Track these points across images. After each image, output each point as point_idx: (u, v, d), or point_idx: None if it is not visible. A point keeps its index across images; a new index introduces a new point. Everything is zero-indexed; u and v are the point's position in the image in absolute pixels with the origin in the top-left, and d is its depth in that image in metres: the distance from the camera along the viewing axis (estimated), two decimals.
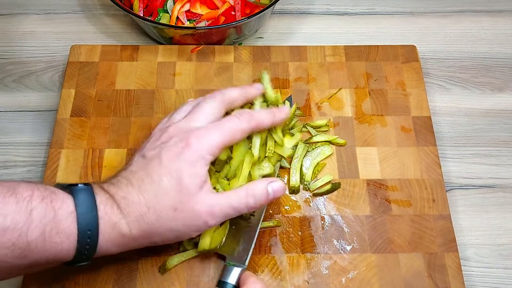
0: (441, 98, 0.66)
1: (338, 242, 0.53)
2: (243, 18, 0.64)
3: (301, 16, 0.73)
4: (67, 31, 0.71)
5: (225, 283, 0.47)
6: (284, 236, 0.53)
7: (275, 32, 0.71)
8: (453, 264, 0.52)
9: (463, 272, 0.51)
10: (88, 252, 0.41)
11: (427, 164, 0.57)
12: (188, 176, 0.43)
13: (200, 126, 0.46)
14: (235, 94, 0.49)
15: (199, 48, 0.65)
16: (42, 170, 0.59)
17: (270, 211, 0.54)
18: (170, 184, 0.43)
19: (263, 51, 0.65)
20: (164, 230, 0.44)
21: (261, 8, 0.64)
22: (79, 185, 0.42)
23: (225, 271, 0.48)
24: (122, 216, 0.42)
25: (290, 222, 0.54)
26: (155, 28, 0.64)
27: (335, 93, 0.62)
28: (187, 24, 0.66)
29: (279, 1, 0.64)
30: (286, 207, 0.54)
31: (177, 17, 0.66)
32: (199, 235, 0.47)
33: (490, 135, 0.63)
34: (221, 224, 0.48)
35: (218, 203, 0.44)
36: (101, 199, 0.42)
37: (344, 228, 0.53)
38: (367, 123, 0.60)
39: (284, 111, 0.50)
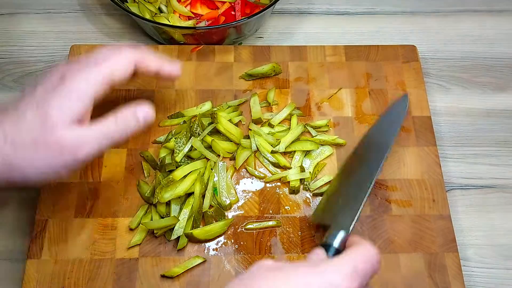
0: (441, 98, 0.66)
1: None
2: (243, 18, 0.64)
3: (301, 16, 0.73)
4: (67, 30, 0.71)
5: (329, 245, 0.45)
6: (284, 236, 0.53)
7: (275, 32, 0.71)
8: (453, 264, 0.52)
9: (463, 272, 0.51)
10: None
11: (427, 164, 0.57)
12: (57, 109, 0.41)
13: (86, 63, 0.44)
14: (148, 52, 0.47)
15: (199, 48, 0.65)
16: None
17: (270, 211, 0.54)
18: (33, 117, 0.40)
19: (263, 51, 0.65)
20: (25, 165, 0.41)
21: (261, 8, 0.64)
22: None
23: (330, 235, 0.46)
24: None
25: (290, 222, 0.54)
26: (155, 28, 0.64)
27: (335, 93, 0.62)
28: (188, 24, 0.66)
29: (279, 1, 0.63)
30: (286, 207, 0.54)
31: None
32: None
33: (491, 135, 0.63)
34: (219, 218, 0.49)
35: (85, 135, 0.42)
36: None
37: None
38: (367, 123, 0.60)
39: (174, 68, 0.49)
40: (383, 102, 0.61)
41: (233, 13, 0.68)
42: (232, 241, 0.52)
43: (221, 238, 0.53)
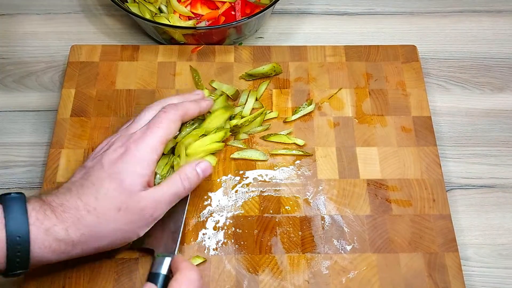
0: (441, 98, 0.66)
1: (338, 242, 0.53)
2: (243, 18, 0.64)
3: (301, 16, 0.73)
4: (67, 31, 0.71)
5: (156, 274, 0.47)
6: (285, 236, 0.53)
7: (275, 32, 0.71)
8: (453, 264, 0.52)
9: (463, 272, 0.51)
10: (20, 260, 0.41)
11: (427, 164, 0.57)
12: (130, 177, 0.45)
13: (137, 130, 0.49)
14: (174, 100, 0.53)
15: (199, 48, 0.65)
16: (42, 170, 0.59)
17: (271, 211, 0.54)
18: (111, 186, 0.44)
19: (263, 51, 0.65)
20: (108, 232, 0.44)
21: (261, 8, 0.64)
22: (12, 194, 0.43)
23: (155, 263, 0.48)
24: (57, 222, 0.42)
25: (291, 222, 0.54)
26: (155, 28, 0.64)
27: (335, 93, 0.62)
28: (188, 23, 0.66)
29: (279, 1, 0.64)
30: (287, 207, 0.55)
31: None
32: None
33: (490, 135, 0.63)
34: None
35: (160, 195, 0.46)
36: (33, 206, 0.42)
37: (344, 228, 0.53)
38: (367, 123, 0.60)
39: (208, 102, 0.54)
40: (383, 102, 0.61)
41: (233, 13, 0.68)
42: (232, 241, 0.52)
43: (221, 238, 0.53)
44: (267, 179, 0.56)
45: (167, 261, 0.47)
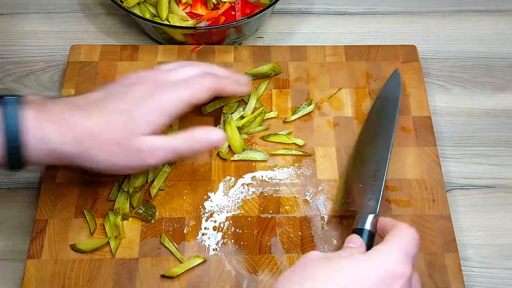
0: (441, 98, 0.66)
1: (338, 242, 0.53)
2: (243, 18, 0.64)
3: (301, 16, 0.73)
4: (67, 30, 0.71)
5: (360, 229, 0.47)
6: (284, 236, 0.53)
7: (275, 32, 0.71)
8: (453, 264, 0.52)
9: (463, 272, 0.51)
10: (16, 158, 0.43)
11: (427, 164, 0.57)
12: (142, 120, 0.46)
13: (171, 81, 0.49)
14: (220, 71, 0.53)
15: (199, 48, 0.65)
16: (42, 170, 0.59)
17: (271, 211, 0.54)
18: (121, 121, 0.45)
19: (263, 51, 0.65)
20: (102, 159, 0.45)
21: (261, 8, 0.64)
22: (10, 97, 0.43)
23: (360, 220, 0.48)
24: (55, 133, 0.43)
25: (290, 222, 0.54)
26: (155, 28, 0.64)
27: (335, 93, 0.62)
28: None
29: (279, 1, 0.63)
30: (286, 207, 0.54)
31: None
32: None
33: (491, 135, 0.63)
34: None
35: (161, 146, 0.47)
36: (31, 112, 0.43)
37: (344, 228, 0.53)
38: None
39: (247, 85, 0.55)
40: None
41: (233, 13, 0.68)
42: (232, 241, 0.52)
43: (221, 238, 0.53)
44: (266, 179, 0.56)
45: (370, 217, 0.47)
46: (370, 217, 0.47)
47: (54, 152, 0.44)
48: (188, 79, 0.49)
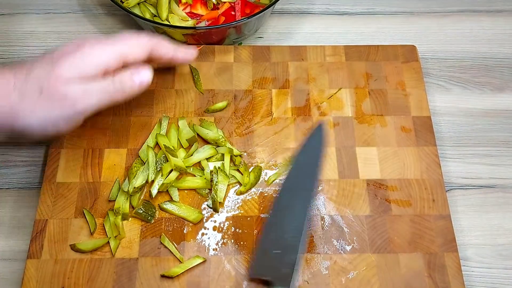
0: (441, 98, 0.66)
1: (338, 242, 0.53)
2: (243, 18, 0.64)
3: (301, 16, 0.73)
4: (67, 31, 0.71)
5: None
6: None
7: (275, 32, 0.71)
8: (453, 264, 0.52)
9: (463, 272, 0.51)
10: None
11: (427, 164, 0.57)
12: (67, 65, 0.44)
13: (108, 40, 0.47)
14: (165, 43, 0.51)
15: (199, 48, 0.65)
16: (42, 170, 0.59)
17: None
18: (44, 69, 0.44)
19: (263, 51, 0.65)
20: (28, 113, 0.44)
21: (261, 8, 0.64)
22: None
23: None
24: None
25: None
26: (155, 28, 0.64)
27: (335, 93, 0.62)
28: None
29: (279, 1, 0.63)
30: None
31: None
32: None
33: (490, 135, 0.63)
34: None
35: (87, 88, 0.45)
36: None
37: (344, 228, 0.53)
38: (367, 123, 0.60)
39: (187, 53, 0.53)
40: (383, 102, 0.61)
41: (233, 13, 0.68)
42: (232, 241, 0.52)
43: (221, 238, 0.53)
44: (266, 179, 0.56)
45: None
46: None
47: None
48: (121, 38, 0.48)
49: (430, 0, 0.75)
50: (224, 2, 0.68)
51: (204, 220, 0.54)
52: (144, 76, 0.48)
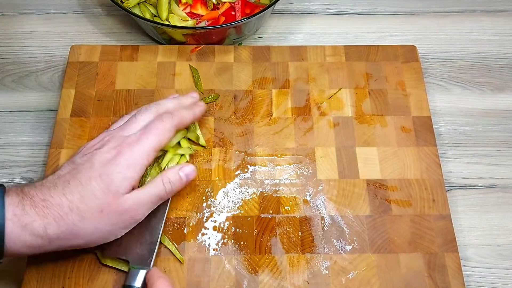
0: (441, 98, 0.66)
1: (338, 242, 0.53)
2: (243, 18, 0.64)
3: (301, 16, 0.73)
4: (67, 31, 0.71)
5: (130, 287, 0.46)
6: (284, 236, 0.53)
7: (275, 32, 0.71)
8: (453, 264, 0.52)
9: (463, 272, 0.51)
10: None
11: (427, 164, 0.57)
12: (119, 180, 0.45)
13: (132, 134, 0.49)
14: (170, 105, 0.53)
15: (199, 48, 0.65)
16: (42, 170, 0.59)
17: (270, 211, 0.54)
18: (98, 187, 0.45)
19: (263, 51, 0.65)
20: (89, 231, 0.45)
21: (261, 8, 0.64)
22: None
23: (129, 275, 0.47)
24: (37, 218, 0.42)
25: (290, 222, 0.54)
26: (155, 28, 0.64)
27: (335, 93, 0.62)
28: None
29: (279, 1, 0.63)
30: (286, 207, 0.54)
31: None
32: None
33: (490, 135, 0.63)
34: None
35: (142, 197, 0.47)
36: (12, 200, 0.42)
37: (344, 228, 0.53)
38: (367, 123, 0.60)
39: (201, 106, 0.56)
40: (383, 102, 0.61)
41: (233, 13, 0.68)
42: (232, 241, 0.52)
43: (221, 238, 0.53)
44: (266, 179, 0.56)
45: (141, 273, 0.47)
46: (142, 273, 0.47)
47: (37, 237, 0.42)
48: (147, 126, 0.50)
49: (430, 0, 0.75)
50: (224, 2, 0.68)
51: (204, 220, 0.54)
52: (189, 171, 0.51)
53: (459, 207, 0.58)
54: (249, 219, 0.54)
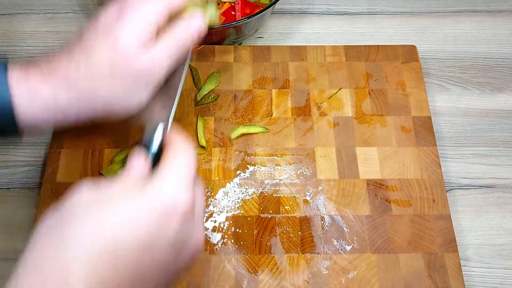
0: (441, 98, 0.66)
1: (338, 242, 0.53)
2: (243, 18, 0.64)
3: (301, 16, 0.73)
4: (67, 31, 0.71)
5: (148, 145, 0.41)
6: (284, 236, 0.53)
7: (275, 32, 0.71)
8: (453, 264, 0.52)
9: (463, 272, 0.51)
10: (10, 127, 0.40)
11: (427, 164, 0.57)
12: (126, 35, 0.41)
13: None
14: None
15: (199, 48, 0.65)
16: (42, 170, 0.59)
17: (270, 211, 0.54)
18: (105, 44, 0.41)
19: (263, 51, 0.65)
20: (106, 94, 0.41)
21: (261, 8, 0.64)
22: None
23: (146, 131, 0.42)
24: (45, 87, 0.40)
25: (290, 222, 0.54)
26: None
27: (335, 93, 0.62)
28: None
29: (279, 1, 0.63)
30: (286, 207, 0.55)
31: None
32: None
33: (490, 135, 0.63)
34: None
35: (157, 55, 0.42)
36: (16, 73, 0.41)
37: (344, 228, 0.53)
38: (367, 123, 0.60)
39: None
40: (383, 102, 0.61)
41: (233, 13, 0.68)
42: (232, 241, 0.52)
43: (221, 238, 0.53)
44: (266, 179, 0.56)
45: (159, 128, 0.42)
46: (160, 128, 0.42)
47: (49, 107, 0.40)
48: None
49: (430, 0, 0.75)
50: (224, 2, 0.68)
51: (204, 220, 0.54)
52: (198, 22, 0.45)
53: (459, 207, 0.58)
54: (249, 219, 0.54)
